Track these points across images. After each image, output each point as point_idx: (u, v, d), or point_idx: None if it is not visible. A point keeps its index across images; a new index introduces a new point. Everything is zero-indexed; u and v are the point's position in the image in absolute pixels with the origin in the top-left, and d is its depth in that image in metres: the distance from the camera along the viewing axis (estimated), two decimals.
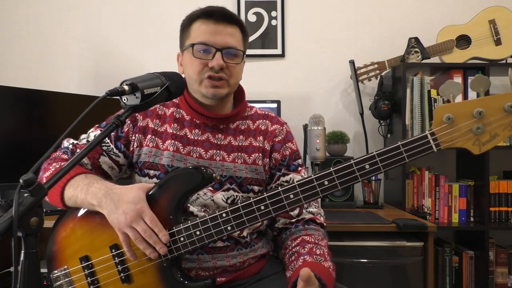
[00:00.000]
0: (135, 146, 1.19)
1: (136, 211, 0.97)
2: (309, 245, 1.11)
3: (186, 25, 1.20)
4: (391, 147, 0.91)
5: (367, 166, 0.92)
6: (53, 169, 1.13)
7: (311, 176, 0.96)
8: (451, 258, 2.19)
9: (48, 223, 1.45)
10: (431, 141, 0.89)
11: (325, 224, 1.25)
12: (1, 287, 2.00)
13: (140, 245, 0.99)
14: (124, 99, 0.89)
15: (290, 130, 1.30)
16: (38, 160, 0.76)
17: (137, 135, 1.19)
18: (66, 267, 1.09)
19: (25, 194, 0.73)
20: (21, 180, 0.72)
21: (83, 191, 1.05)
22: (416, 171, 2.33)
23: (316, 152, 2.00)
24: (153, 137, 1.19)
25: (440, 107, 0.89)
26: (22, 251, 0.74)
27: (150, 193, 1.04)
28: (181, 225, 1.02)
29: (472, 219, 2.29)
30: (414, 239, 1.74)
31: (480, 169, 2.23)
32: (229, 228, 1.00)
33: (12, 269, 1.24)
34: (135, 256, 1.02)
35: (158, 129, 1.20)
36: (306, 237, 1.14)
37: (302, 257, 1.08)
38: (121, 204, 0.99)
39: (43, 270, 1.93)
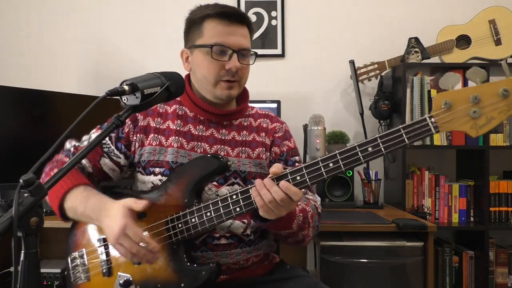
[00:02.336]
0: (136, 146, 1.20)
1: (118, 228, 0.97)
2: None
3: (197, 22, 1.19)
4: (392, 130, 0.95)
5: (369, 149, 0.95)
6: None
7: (317, 159, 0.98)
8: (451, 258, 2.19)
9: (48, 223, 1.45)
10: (430, 124, 0.92)
11: (319, 210, 1.26)
12: (1, 287, 2.00)
13: (132, 260, 1.03)
14: (124, 99, 0.89)
15: (289, 129, 1.34)
16: (38, 160, 0.76)
17: (138, 135, 1.20)
18: (83, 249, 1.14)
19: (25, 194, 0.73)
20: (21, 180, 0.72)
21: (82, 204, 1.07)
22: (416, 171, 2.33)
23: (316, 152, 2.00)
24: (156, 135, 1.20)
25: (438, 94, 0.94)
26: (22, 251, 0.74)
27: (168, 178, 1.12)
28: (194, 207, 1.06)
29: (472, 219, 2.29)
30: (414, 239, 1.74)
31: (480, 169, 2.23)
32: (237, 209, 1.03)
33: (12, 269, 1.24)
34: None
35: (160, 127, 1.21)
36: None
37: None
38: (108, 221, 1.01)
39: (43, 270, 1.95)
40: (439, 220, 2.28)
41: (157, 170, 1.18)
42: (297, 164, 1.27)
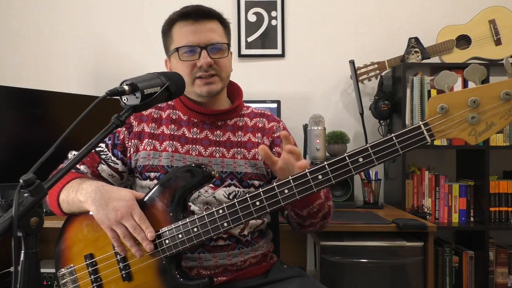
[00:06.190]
0: (132, 152, 1.21)
1: (127, 208, 1.00)
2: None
3: (167, 30, 1.23)
4: (384, 139, 0.90)
5: (360, 159, 0.91)
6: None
7: (305, 171, 0.95)
8: (451, 258, 2.19)
9: (48, 223, 1.45)
10: (424, 131, 0.87)
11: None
12: (1, 287, 2.00)
13: (128, 242, 1.01)
14: (124, 99, 0.90)
15: (286, 127, 1.33)
16: (38, 160, 0.76)
17: (133, 140, 1.21)
18: (72, 265, 1.11)
19: (25, 194, 0.73)
20: (21, 180, 0.72)
21: (74, 189, 1.07)
22: (416, 171, 2.33)
23: (316, 152, 2.00)
24: (150, 140, 1.20)
25: (433, 97, 0.86)
26: (22, 251, 0.74)
27: (151, 192, 1.06)
28: (180, 222, 1.03)
29: (472, 219, 2.29)
30: (414, 239, 1.74)
31: (480, 169, 2.23)
32: (225, 224, 1.00)
33: (12, 269, 1.24)
34: (125, 251, 1.04)
35: (155, 132, 1.21)
36: None
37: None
38: (111, 201, 1.00)
39: (43, 270, 1.95)
40: (439, 220, 2.28)
41: (152, 174, 1.18)
42: None
